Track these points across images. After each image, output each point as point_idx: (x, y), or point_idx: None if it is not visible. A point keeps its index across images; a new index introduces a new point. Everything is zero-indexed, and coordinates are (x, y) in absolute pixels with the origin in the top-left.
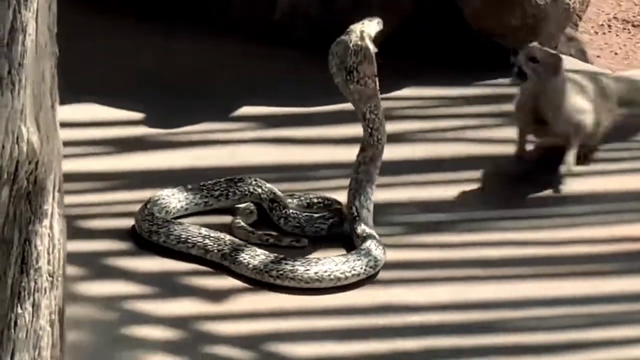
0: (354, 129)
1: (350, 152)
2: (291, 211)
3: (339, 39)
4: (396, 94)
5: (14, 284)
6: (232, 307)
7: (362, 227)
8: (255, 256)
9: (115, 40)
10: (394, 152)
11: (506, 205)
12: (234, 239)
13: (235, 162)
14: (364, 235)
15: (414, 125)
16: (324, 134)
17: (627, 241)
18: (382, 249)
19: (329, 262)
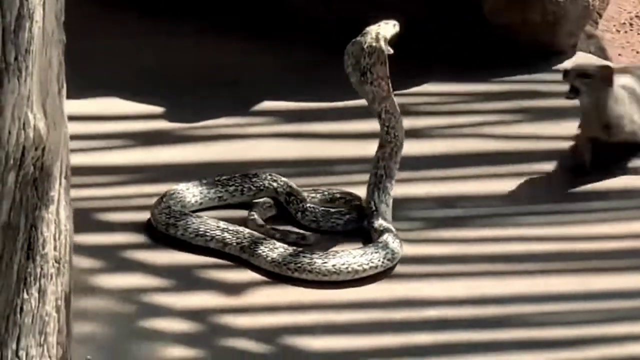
0: (373, 125)
1: (369, 148)
2: (308, 205)
3: (354, 39)
4: (415, 89)
5: (20, 269)
6: (250, 300)
7: (380, 222)
8: (273, 249)
9: (139, 36)
10: (413, 148)
11: (524, 201)
12: (253, 232)
13: (254, 157)
14: (381, 229)
15: (433, 121)
16: (343, 129)
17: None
18: (399, 243)
19: (346, 255)
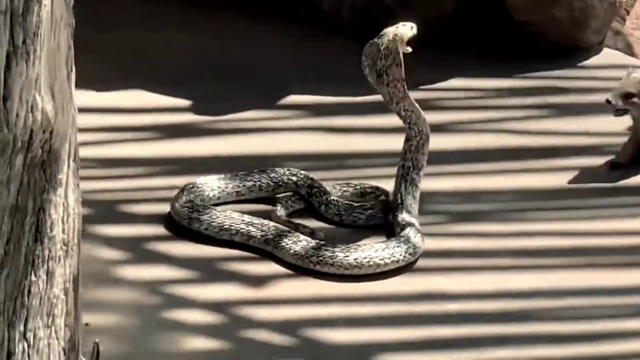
0: (398, 119)
1: (396, 141)
2: (332, 198)
3: (372, 40)
4: (441, 85)
5: (28, 252)
6: (272, 293)
7: (403, 215)
8: (297, 242)
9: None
10: (438, 142)
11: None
12: (278, 226)
13: (278, 150)
14: (404, 223)
15: (458, 115)
16: (368, 123)
17: None
18: (421, 237)
19: (368, 249)
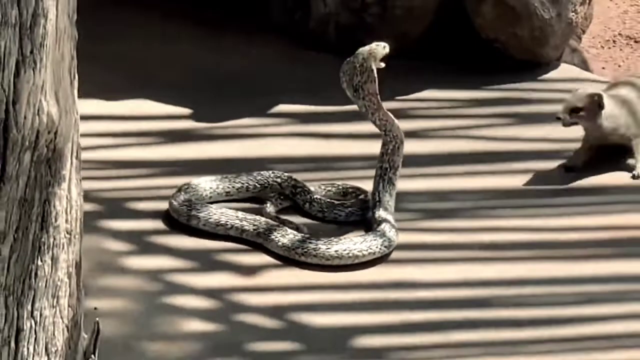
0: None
1: (373, 147)
2: (316, 196)
3: (348, 59)
4: (415, 95)
5: (35, 239)
6: (262, 281)
7: (380, 213)
8: (285, 235)
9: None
10: (412, 147)
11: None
12: (269, 221)
13: (269, 154)
14: (380, 219)
15: (431, 123)
16: (350, 129)
17: (618, 229)
18: (395, 232)
19: (348, 242)
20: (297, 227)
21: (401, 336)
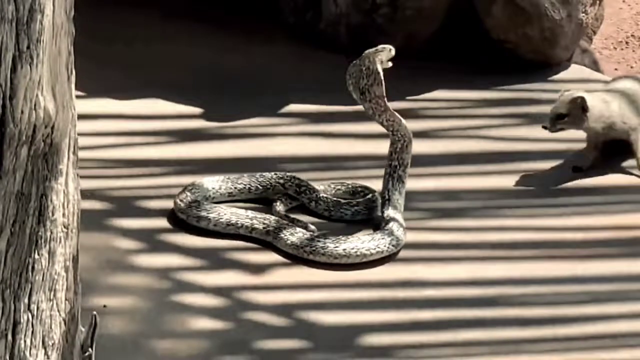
0: None
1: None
2: (321, 195)
3: (354, 62)
4: (426, 96)
5: (32, 233)
6: (271, 279)
7: (388, 212)
8: (294, 233)
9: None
10: (423, 147)
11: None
12: (279, 220)
13: (279, 153)
14: (388, 218)
15: (441, 123)
16: (359, 129)
17: (622, 229)
18: (403, 230)
19: (356, 240)
20: (305, 226)
21: (409, 334)
